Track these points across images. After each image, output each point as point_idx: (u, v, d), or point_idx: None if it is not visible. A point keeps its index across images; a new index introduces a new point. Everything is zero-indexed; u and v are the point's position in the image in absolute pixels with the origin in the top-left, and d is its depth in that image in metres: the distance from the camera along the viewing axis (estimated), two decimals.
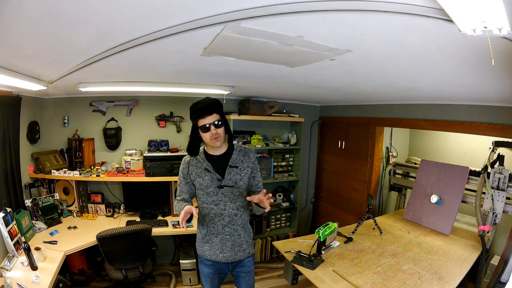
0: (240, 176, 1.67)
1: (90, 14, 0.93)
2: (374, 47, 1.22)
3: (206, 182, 1.65)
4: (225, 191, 1.65)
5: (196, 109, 1.59)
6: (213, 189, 1.65)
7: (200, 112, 1.57)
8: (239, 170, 1.67)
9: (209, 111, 1.56)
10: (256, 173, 1.76)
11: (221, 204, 1.65)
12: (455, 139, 3.19)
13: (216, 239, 1.69)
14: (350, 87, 2.38)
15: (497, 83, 1.56)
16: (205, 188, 1.65)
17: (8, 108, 2.35)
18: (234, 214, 1.67)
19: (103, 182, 3.21)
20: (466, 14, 0.71)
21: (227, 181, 1.65)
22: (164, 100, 3.33)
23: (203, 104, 1.59)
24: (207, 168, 1.65)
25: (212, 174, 1.65)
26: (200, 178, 1.66)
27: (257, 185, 1.78)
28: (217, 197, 1.65)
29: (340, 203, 3.77)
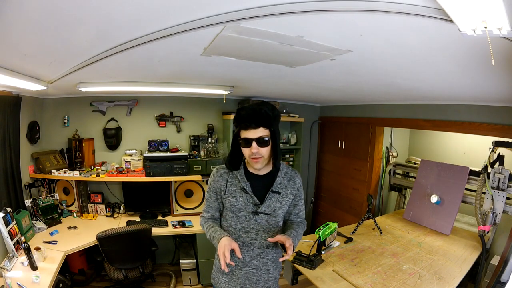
0: (280, 204, 1.40)
1: (90, 14, 0.93)
2: (374, 47, 1.22)
3: (240, 204, 1.37)
4: (260, 218, 1.38)
5: (240, 116, 1.29)
6: (246, 213, 1.37)
7: (244, 121, 1.26)
8: (280, 197, 1.40)
9: (255, 123, 1.25)
10: (299, 201, 1.49)
11: (252, 233, 1.38)
12: (455, 139, 3.19)
13: (239, 272, 1.41)
14: (350, 87, 2.38)
15: (497, 83, 1.56)
16: (236, 210, 1.38)
17: (8, 108, 2.35)
18: (266, 246, 1.40)
19: (103, 182, 3.21)
20: (466, 14, 0.71)
21: (265, 207, 1.37)
22: (164, 100, 3.33)
23: (250, 111, 1.26)
24: (245, 188, 1.36)
25: (249, 196, 1.37)
26: (234, 198, 1.38)
27: (298, 214, 1.51)
28: (249, 223, 1.38)
29: (340, 203, 3.77)
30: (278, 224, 1.43)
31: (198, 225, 1.50)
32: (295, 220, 1.51)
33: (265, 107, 1.28)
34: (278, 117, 1.34)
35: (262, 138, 1.26)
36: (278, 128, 1.35)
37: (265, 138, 1.27)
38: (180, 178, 3.04)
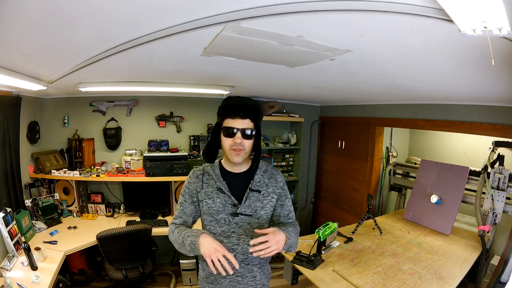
0: (262, 204, 1.30)
1: (90, 14, 0.93)
2: (374, 47, 1.22)
3: (217, 206, 1.27)
4: (241, 220, 1.27)
5: (228, 104, 1.23)
6: (225, 216, 1.27)
7: (232, 110, 1.20)
8: (261, 196, 1.30)
9: (244, 113, 1.19)
10: (285, 200, 1.38)
11: (233, 237, 1.28)
12: (455, 139, 3.19)
13: (224, 281, 1.32)
14: (350, 87, 2.38)
15: (497, 83, 1.56)
16: (214, 213, 1.27)
17: (8, 108, 2.35)
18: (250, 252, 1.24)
19: (103, 182, 3.21)
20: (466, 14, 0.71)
21: (244, 208, 1.27)
22: (164, 100, 3.33)
23: (240, 101, 1.22)
24: (221, 188, 1.27)
25: (227, 196, 1.27)
26: (210, 200, 1.28)
27: (288, 216, 1.39)
28: (229, 227, 1.28)
29: (340, 203, 3.77)
30: (262, 227, 1.31)
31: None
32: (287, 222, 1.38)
33: (255, 102, 1.25)
34: (262, 115, 1.30)
35: (249, 130, 1.21)
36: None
37: (251, 131, 1.22)
38: (180, 178, 3.04)
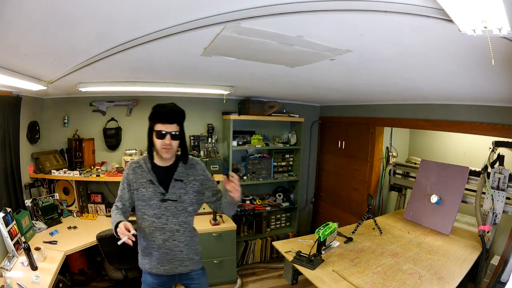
0: (185, 191, 1.59)
1: (90, 14, 0.93)
2: (374, 47, 1.22)
3: (149, 194, 1.56)
4: (168, 205, 1.56)
5: (158, 112, 1.50)
6: (156, 202, 1.56)
7: (161, 116, 1.48)
8: (184, 184, 1.59)
9: (171, 119, 1.48)
10: (209, 183, 1.68)
11: (163, 218, 1.57)
12: (455, 139, 3.19)
13: (156, 254, 1.61)
14: (350, 87, 2.38)
15: (497, 83, 1.56)
16: (147, 199, 1.56)
17: (8, 108, 2.35)
18: (176, 230, 1.59)
19: (103, 182, 3.20)
20: (466, 14, 0.71)
21: (170, 195, 1.57)
22: (164, 100, 3.25)
23: (168, 109, 1.51)
24: (152, 180, 1.56)
25: (156, 186, 1.56)
26: (144, 189, 1.57)
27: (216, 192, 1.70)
28: (160, 210, 1.56)
29: (340, 203, 3.77)
30: (186, 209, 1.61)
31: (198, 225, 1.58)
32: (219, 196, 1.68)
33: (179, 108, 1.54)
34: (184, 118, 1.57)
35: (175, 132, 1.48)
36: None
37: (177, 132, 1.49)
38: None
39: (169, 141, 1.48)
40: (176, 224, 1.59)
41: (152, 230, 1.58)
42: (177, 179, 1.59)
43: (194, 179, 1.63)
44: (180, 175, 1.60)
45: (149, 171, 1.58)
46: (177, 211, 1.58)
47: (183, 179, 1.60)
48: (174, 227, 1.59)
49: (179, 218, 1.60)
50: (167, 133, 1.47)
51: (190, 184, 1.61)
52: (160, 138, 1.48)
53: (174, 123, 1.48)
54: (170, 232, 1.59)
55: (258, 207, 3.59)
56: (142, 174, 1.58)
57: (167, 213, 1.57)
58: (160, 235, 1.58)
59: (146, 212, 1.58)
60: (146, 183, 1.57)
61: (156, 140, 1.50)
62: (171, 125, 1.48)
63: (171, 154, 1.55)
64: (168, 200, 1.56)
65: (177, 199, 1.58)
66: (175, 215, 1.59)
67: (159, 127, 1.48)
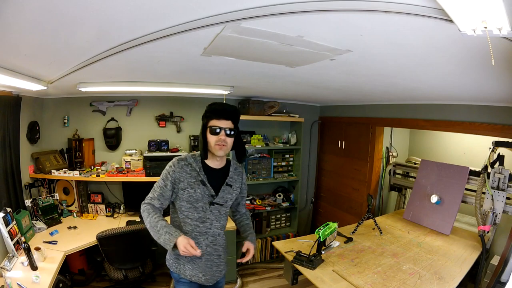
0: (231, 196, 1.59)
1: (90, 14, 0.93)
2: (374, 47, 1.22)
3: (197, 195, 1.48)
4: (214, 208, 1.53)
5: (214, 109, 1.47)
6: (203, 204, 1.50)
7: (217, 113, 1.45)
8: (232, 190, 1.58)
9: (226, 116, 1.45)
10: (245, 192, 1.71)
11: (207, 222, 1.53)
12: (455, 139, 3.19)
13: (198, 261, 1.54)
14: (350, 87, 2.38)
15: (497, 83, 1.56)
16: (194, 201, 1.49)
17: (8, 108, 2.35)
18: (217, 234, 1.58)
19: (103, 182, 3.21)
20: (466, 14, 0.71)
21: (219, 199, 1.53)
22: (164, 100, 3.33)
23: (224, 106, 1.49)
24: (203, 181, 1.49)
25: (206, 188, 1.50)
26: (192, 189, 1.48)
27: (243, 203, 1.76)
28: (205, 214, 1.51)
29: (340, 203, 3.77)
30: (227, 213, 1.63)
31: None
32: (241, 210, 1.77)
33: (235, 107, 1.51)
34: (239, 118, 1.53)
35: (229, 129, 1.46)
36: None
37: (231, 130, 1.47)
38: None
39: (223, 136, 1.44)
40: (218, 228, 1.57)
41: (195, 235, 1.51)
42: (228, 184, 1.56)
43: (238, 186, 1.63)
44: (231, 180, 1.58)
45: (200, 171, 1.51)
46: (220, 215, 1.56)
47: (232, 184, 1.58)
48: (217, 231, 1.57)
49: (221, 222, 1.58)
50: (222, 129, 1.44)
51: (236, 191, 1.62)
52: (215, 134, 1.45)
53: (229, 119, 1.46)
54: (212, 237, 1.56)
55: (258, 207, 3.59)
56: (192, 174, 1.50)
57: (212, 217, 1.53)
58: (203, 240, 1.53)
59: (190, 215, 1.51)
60: (195, 184, 1.49)
61: (210, 137, 1.46)
62: (226, 121, 1.45)
63: (225, 152, 1.49)
64: (216, 204, 1.52)
65: (223, 204, 1.55)
66: (218, 219, 1.56)
67: (214, 123, 1.45)
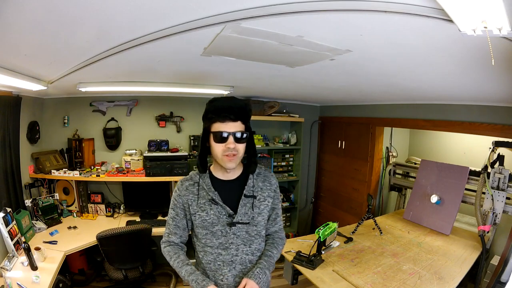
0: (258, 210, 1.23)
1: (90, 14, 0.93)
2: (374, 47, 1.22)
3: (212, 218, 1.18)
4: (238, 230, 1.19)
5: (215, 107, 1.12)
6: (221, 227, 1.19)
7: (220, 113, 1.10)
8: (257, 201, 1.22)
9: (234, 116, 1.10)
10: (277, 203, 1.32)
11: (232, 249, 1.20)
12: (455, 139, 3.19)
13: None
14: (350, 87, 2.38)
15: (497, 83, 1.56)
16: (209, 226, 1.19)
17: (8, 108, 2.35)
18: (249, 261, 1.22)
19: (103, 182, 3.21)
20: (466, 14, 0.71)
21: (240, 216, 1.19)
22: (164, 100, 3.33)
23: (228, 103, 1.12)
24: (214, 199, 1.18)
25: (220, 207, 1.19)
26: (204, 212, 1.19)
27: (275, 220, 1.33)
28: (227, 238, 1.19)
29: (340, 203, 3.77)
30: (260, 233, 1.25)
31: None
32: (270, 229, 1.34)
33: (243, 101, 1.15)
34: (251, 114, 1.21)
35: (240, 132, 1.12)
36: None
37: (243, 134, 1.13)
38: (180, 178, 3.03)
39: (233, 144, 1.11)
40: (249, 253, 1.22)
41: (218, 265, 1.21)
42: (248, 195, 1.21)
43: (268, 195, 1.26)
44: (251, 189, 1.22)
45: (209, 188, 1.20)
46: (249, 237, 1.22)
47: (256, 194, 1.23)
48: (247, 258, 1.22)
49: (253, 246, 1.23)
50: (230, 135, 1.10)
51: (265, 202, 1.25)
52: (221, 142, 1.12)
53: (238, 120, 1.12)
54: (241, 265, 1.22)
55: None
56: (200, 193, 1.21)
57: (237, 241, 1.20)
58: (229, 272, 1.20)
59: (209, 243, 1.21)
60: (205, 204, 1.20)
61: (215, 146, 1.13)
62: (234, 123, 1.11)
63: (236, 163, 1.16)
64: (238, 224, 1.19)
65: (249, 221, 1.21)
66: (247, 242, 1.22)
67: (218, 127, 1.11)
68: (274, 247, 1.31)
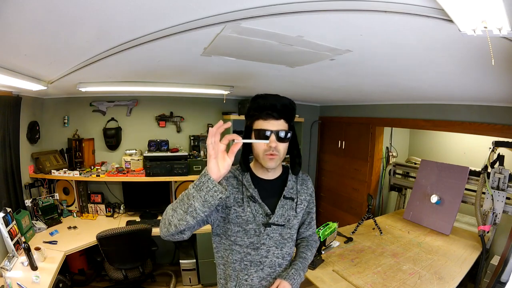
0: (295, 212, 1.20)
1: (90, 14, 0.93)
2: (374, 47, 1.22)
3: (247, 216, 1.14)
4: (272, 231, 1.16)
5: (258, 104, 1.09)
6: (256, 226, 1.14)
7: (264, 110, 1.07)
8: (294, 204, 1.20)
9: (278, 114, 1.07)
10: (312, 207, 1.31)
11: (262, 249, 1.15)
12: (455, 139, 3.19)
13: None
14: (350, 87, 2.38)
15: (497, 83, 1.56)
16: (243, 223, 1.14)
17: (8, 108, 2.35)
18: (278, 265, 1.18)
19: (103, 182, 3.21)
20: (466, 14, 0.71)
21: (277, 217, 1.16)
22: (164, 100, 3.33)
23: (271, 100, 1.08)
24: (253, 196, 1.14)
25: (258, 206, 1.15)
26: (240, 208, 1.14)
27: (310, 224, 1.32)
28: (259, 238, 1.14)
29: (340, 203, 3.77)
30: (293, 237, 1.23)
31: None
32: (305, 233, 1.33)
33: (288, 100, 1.11)
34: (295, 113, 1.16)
35: (283, 131, 1.08)
36: None
37: (286, 133, 1.09)
38: (180, 178, 3.04)
39: (275, 143, 1.07)
40: (279, 256, 1.19)
41: (245, 265, 1.16)
42: (288, 197, 1.19)
43: (304, 199, 1.24)
44: (290, 191, 1.20)
45: (249, 185, 1.16)
46: (282, 240, 1.18)
47: (294, 197, 1.21)
48: (276, 261, 1.18)
49: (284, 249, 1.19)
50: (272, 133, 1.07)
51: (302, 205, 1.23)
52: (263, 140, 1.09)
53: (281, 118, 1.08)
54: (270, 268, 1.17)
55: None
56: (239, 188, 1.17)
57: (269, 243, 1.16)
58: (255, 272, 1.16)
59: (239, 241, 1.15)
60: (243, 200, 1.15)
61: (256, 145, 1.12)
62: (277, 121, 1.07)
63: (277, 163, 1.12)
64: (273, 225, 1.15)
65: (284, 224, 1.17)
66: (279, 245, 1.18)
67: (260, 125, 1.08)
68: (308, 249, 1.31)
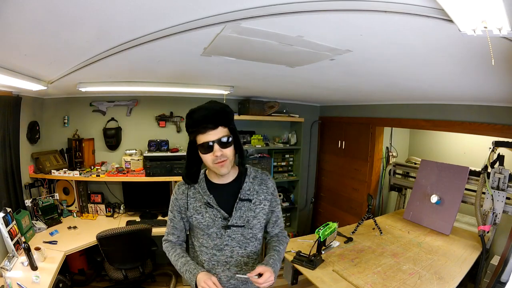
0: (254, 213, 1.25)
1: (90, 14, 0.93)
2: (374, 47, 1.22)
3: (207, 221, 1.23)
4: (233, 232, 1.23)
5: (193, 120, 1.14)
6: (217, 230, 1.23)
7: (199, 124, 1.12)
8: (252, 205, 1.25)
9: (213, 123, 1.12)
10: (276, 206, 1.34)
11: (226, 250, 1.24)
12: (455, 139, 3.19)
13: None
14: (350, 87, 2.38)
15: (497, 83, 1.56)
16: (205, 228, 1.24)
17: (8, 108, 2.35)
18: (244, 263, 1.26)
19: (103, 182, 3.21)
20: (466, 14, 0.71)
21: (235, 219, 1.23)
22: (164, 100, 3.33)
23: (204, 112, 1.13)
24: (209, 203, 1.23)
25: (215, 210, 1.23)
26: (199, 215, 1.24)
27: (276, 222, 1.36)
28: (222, 240, 1.23)
29: (340, 203, 3.77)
30: (256, 236, 1.29)
31: None
32: (273, 231, 1.37)
33: (218, 105, 1.17)
34: (233, 113, 1.22)
35: (224, 137, 1.14)
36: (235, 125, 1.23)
37: (228, 138, 1.15)
38: (180, 178, 3.02)
39: (220, 151, 1.13)
40: (244, 255, 1.26)
41: (213, 265, 1.25)
42: (244, 199, 1.24)
43: (264, 198, 1.28)
44: (247, 193, 1.25)
45: (204, 192, 1.25)
46: (245, 240, 1.26)
47: (251, 198, 1.26)
48: (242, 260, 1.26)
49: (248, 248, 1.27)
50: (214, 142, 1.12)
51: (261, 205, 1.27)
52: (208, 152, 1.14)
53: (218, 126, 1.13)
54: (237, 267, 1.25)
55: None
56: (196, 196, 1.26)
57: (232, 243, 1.24)
58: (223, 272, 1.25)
59: (205, 243, 1.26)
60: (201, 207, 1.24)
61: (204, 157, 1.16)
62: (214, 131, 1.12)
63: (229, 167, 1.19)
64: (233, 227, 1.23)
65: (244, 225, 1.24)
66: (243, 244, 1.25)
67: (202, 139, 1.14)
68: (281, 244, 1.35)
